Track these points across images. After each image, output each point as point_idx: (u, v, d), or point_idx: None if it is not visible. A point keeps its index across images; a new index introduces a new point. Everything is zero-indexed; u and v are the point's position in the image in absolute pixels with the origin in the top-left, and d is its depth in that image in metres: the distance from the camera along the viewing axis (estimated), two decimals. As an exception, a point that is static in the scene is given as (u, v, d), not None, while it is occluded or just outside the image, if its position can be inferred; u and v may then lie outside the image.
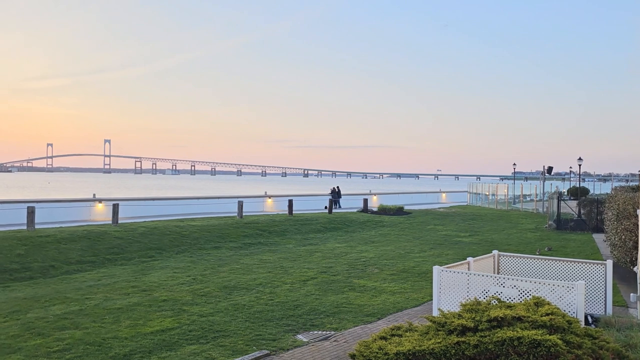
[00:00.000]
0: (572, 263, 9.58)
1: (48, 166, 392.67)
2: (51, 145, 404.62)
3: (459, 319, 5.53)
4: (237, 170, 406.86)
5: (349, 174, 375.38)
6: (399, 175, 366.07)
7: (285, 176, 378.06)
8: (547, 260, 9.90)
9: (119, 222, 21.99)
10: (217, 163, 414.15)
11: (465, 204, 49.95)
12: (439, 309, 7.91)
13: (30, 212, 19.26)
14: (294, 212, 28.94)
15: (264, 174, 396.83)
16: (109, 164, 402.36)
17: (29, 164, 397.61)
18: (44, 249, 16.41)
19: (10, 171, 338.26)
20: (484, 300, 6.19)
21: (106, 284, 12.97)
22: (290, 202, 29.35)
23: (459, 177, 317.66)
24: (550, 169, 47.18)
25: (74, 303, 10.86)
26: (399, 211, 33.13)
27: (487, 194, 46.27)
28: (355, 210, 33.83)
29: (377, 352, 5.36)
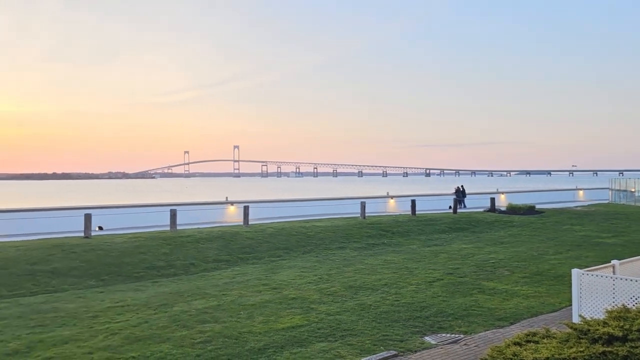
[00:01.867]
0: None
1: (185, 172, 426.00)
2: (187, 152, 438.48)
3: (604, 327, 5.12)
4: (358, 171, 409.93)
5: (473, 172, 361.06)
6: (528, 172, 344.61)
7: (407, 176, 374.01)
8: None
9: (249, 223, 23.28)
10: (338, 164, 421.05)
11: (606, 201, 45.76)
12: (579, 315, 7.36)
13: (173, 215, 21.10)
14: (417, 213, 28.58)
15: (384, 174, 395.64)
16: (238, 169, 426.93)
17: (169, 171, 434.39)
18: (184, 248, 17.90)
19: (154, 177, 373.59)
20: (634, 308, 5.65)
21: (240, 281, 13.82)
22: (413, 202, 29.02)
23: (598, 172, 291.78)
24: None
25: (213, 299, 11.71)
26: (529, 210, 31.25)
27: (634, 190, 41.98)
28: (481, 210, 32.51)
29: (511, 359, 5.13)
